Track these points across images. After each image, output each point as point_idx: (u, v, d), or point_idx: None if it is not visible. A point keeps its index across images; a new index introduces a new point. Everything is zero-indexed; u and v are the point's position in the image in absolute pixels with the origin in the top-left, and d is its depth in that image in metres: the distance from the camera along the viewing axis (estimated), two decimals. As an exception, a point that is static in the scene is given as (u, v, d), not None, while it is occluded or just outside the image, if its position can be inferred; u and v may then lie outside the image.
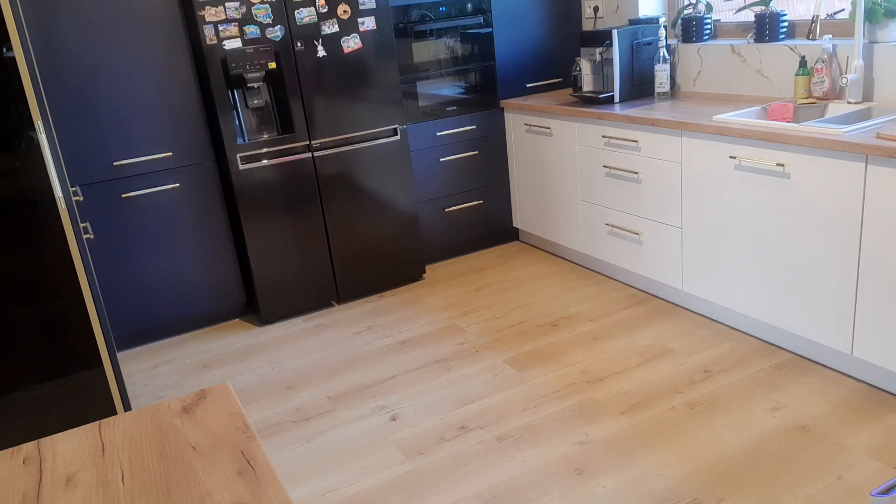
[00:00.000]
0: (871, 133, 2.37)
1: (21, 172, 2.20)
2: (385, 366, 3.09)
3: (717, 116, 2.85)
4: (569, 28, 4.18)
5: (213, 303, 3.61)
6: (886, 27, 2.75)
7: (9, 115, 2.15)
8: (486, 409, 2.68)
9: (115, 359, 2.46)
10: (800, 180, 2.54)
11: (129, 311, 3.42)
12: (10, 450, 1.31)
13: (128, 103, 3.21)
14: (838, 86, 2.93)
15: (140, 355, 3.46)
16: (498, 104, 4.10)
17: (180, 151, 3.35)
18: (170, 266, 3.45)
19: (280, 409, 2.84)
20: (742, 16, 3.49)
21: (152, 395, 3.08)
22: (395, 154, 3.70)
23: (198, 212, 3.45)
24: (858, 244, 2.40)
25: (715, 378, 2.71)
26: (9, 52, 2.08)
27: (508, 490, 2.23)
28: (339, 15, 3.39)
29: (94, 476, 1.20)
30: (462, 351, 3.14)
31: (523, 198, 4.17)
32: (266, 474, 1.16)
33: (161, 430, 1.32)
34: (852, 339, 2.50)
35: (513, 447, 2.44)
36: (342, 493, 2.31)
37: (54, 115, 3.09)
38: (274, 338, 3.49)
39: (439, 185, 4.04)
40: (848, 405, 2.46)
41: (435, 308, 3.61)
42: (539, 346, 3.10)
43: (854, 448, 2.24)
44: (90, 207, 3.22)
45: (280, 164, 3.44)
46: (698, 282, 3.09)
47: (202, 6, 3.12)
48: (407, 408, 2.75)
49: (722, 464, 2.24)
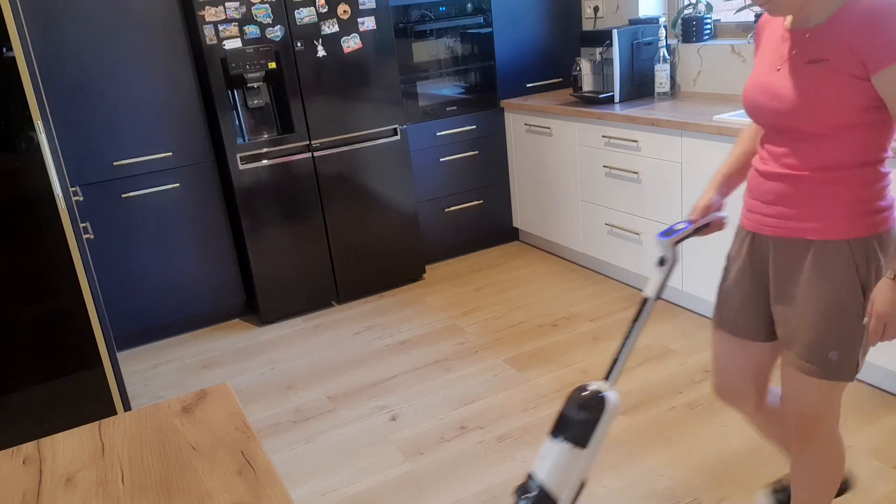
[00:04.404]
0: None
1: (21, 172, 2.20)
2: (385, 366, 3.09)
3: (717, 116, 2.85)
4: (569, 28, 4.18)
5: (213, 303, 3.61)
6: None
7: (9, 115, 2.15)
8: (486, 409, 2.68)
9: (115, 359, 2.46)
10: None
11: (129, 311, 3.42)
12: (10, 450, 1.31)
13: (128, 103, 3.21)
14: (838, 86, 2.92)
15: (140, 355, 3.46)
16: (498, 104, 4.10)
17: (180, 151, 3.35)
18: (170, 266, 3.45)
19: (280, 409, 2.84)
20: (742, 16, 3.49)
21: (152, 395, 3.08)
22: (395, 154, 3.70)
23: (198, 212, 3.45)
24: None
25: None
26: (9, 52, 2.08)
27: (509, 490, 2.23)
28: (339, 15, 3.39)
29: (94, 476, 1.20)
30: (462, 351, 3.14)
31: (523, 198, 4.17)
32: (266, 474, 1.16)
33: (161, 430, 1.32)
34: (852, 339, 2.50)
35: (513, 447, 2.44)
36: (342, 493, 2.31)
37: (54, 115, 3.09)
38: (274, 338, 3.49)
39: (439, 185, 4.03)
40: (848, 405, 2.46)
41: (435, 308, 3.61)
42: (539, 346, 3.10)
43: (854, 448, 2.24)
44: (90, 207, 3.22)
45: (280, 164, 3.44)
46: (698, 282, 3.09)
47: (202, 6, 3.12)
48: (407, 408, 2.75)
49: (722, 464, 2.24)
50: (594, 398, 1.53)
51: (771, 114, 1.42)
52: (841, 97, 1.31)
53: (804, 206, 1.42)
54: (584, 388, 1.55)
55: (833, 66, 1.31)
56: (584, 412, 1.51)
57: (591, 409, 1.51)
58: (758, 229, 1.52)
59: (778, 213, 1.46)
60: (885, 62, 1.26)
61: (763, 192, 1.49)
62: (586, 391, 1.54)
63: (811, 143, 1.38)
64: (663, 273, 1.60)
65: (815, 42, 1.35)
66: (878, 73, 1.27)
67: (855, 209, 1.38)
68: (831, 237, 1.40)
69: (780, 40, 1.44)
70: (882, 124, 1.35)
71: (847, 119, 1.33)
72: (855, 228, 1.39)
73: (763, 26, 1.54)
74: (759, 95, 1.44)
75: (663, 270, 1.60)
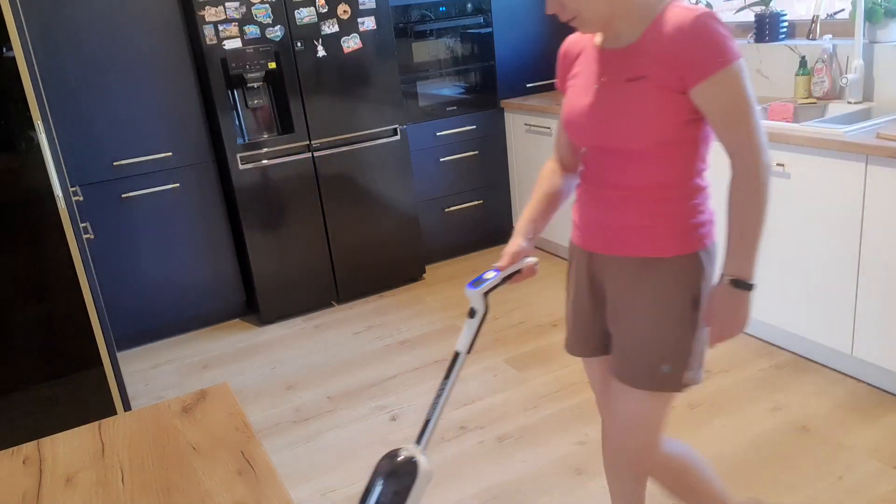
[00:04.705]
0: (871, 133, 2.37)
1: (21, 172, 2.20)
2: (385, 366, 3.09)
3: (717, 116, 2.85)
4: (569, 28, 4.17)
5: (213, 303, 3.61)
6: (886, 27, 2.75)
7: (9, 115, 2.15)
8: (486, 409, 2.68)
9: (115, 359, 2.46)
10: (800, 180, 2.54)
11: (129, 311, 3.41)
12: (10, 450, 1.31)
13: (128, 103, 3.21)
14: (838, 86, 2.92)
15: (140, 355, 3.46)
16: (498, 104, 4.09)
17: (180, 151, 3.35)
18: (170, 266, 3.45)
19: (280, 409, 2.84)
20: (742, 16, 3.49)
21: (152, 395, 3.08)
22: (395, 154, 3.70)
23: (198, 212, 3.45)
24: (858, 244, 2.40)
25: (715, 378, 2.71)
26: (9, 52, 2.08)
27: (508, 490, 2.23)
28: (339, 15, 3.39)
29: (94, 476, 1.20)
30: (462, 351, 3.13)
31: (523, 198, 4.17)
32: (266, 474, 1.16)
33: (161, 430, 1.32)
34: (852, 339, 2.50)
35: (513, 447, 2.44)
36: (342, 493, 2.31)
37: (54, 115, 3.08)
38: (274, 338, 3.48)
39: (439, 185, 4.03)
40: (848, 405, 2.46)
41: (435, 308, 3.60)
42: (539, 346, 3.10)
43: (854, 448, 2.24)
44: (90, 207, 3.21)
45: (280, 164, 3.43)
46: (698, 282, 3.09)
47: (202, 6, 3.12)
48: (407, 408, 2.75)
49: (722, 464, 2.23)
50: (406, 465, 1.40)
51: (594, 134, 1.41)
52: (663, 113, 1.31)
53: (632, 225, 1.41)
54: (395, 454, 1.43)
55: (652, 83, 1.30)
56: (395, 480, 1.39)
57: (402, 476, 1.39)
58: (590, 248, 1.51)
59: (608, 231, 1.46)
60: (702, 75, 1.26)
61: (592, 211, 1.48)
62: (398, 458, 1.42)
63: (636, 162, 1.38)
64: (474, 325, 1.53)
65: (631, 60, 1.34)
66: (695, 86, 1.27)
67: (682, 225, 1.39)
68: (660, 254, 1.40)
69: (594, 61, 1.43)
70: (702, 139, 1.37)
71: (670, 135, 1.33)
72: (683, 245, 1.40)
73: (570, 48, 1.53)
74: (580, 117, 1.43)
75: (474, 322, 1.53)
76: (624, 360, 1.49)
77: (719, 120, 1.30)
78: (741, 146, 1.30)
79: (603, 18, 1.35)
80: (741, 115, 1.29)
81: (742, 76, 1.27)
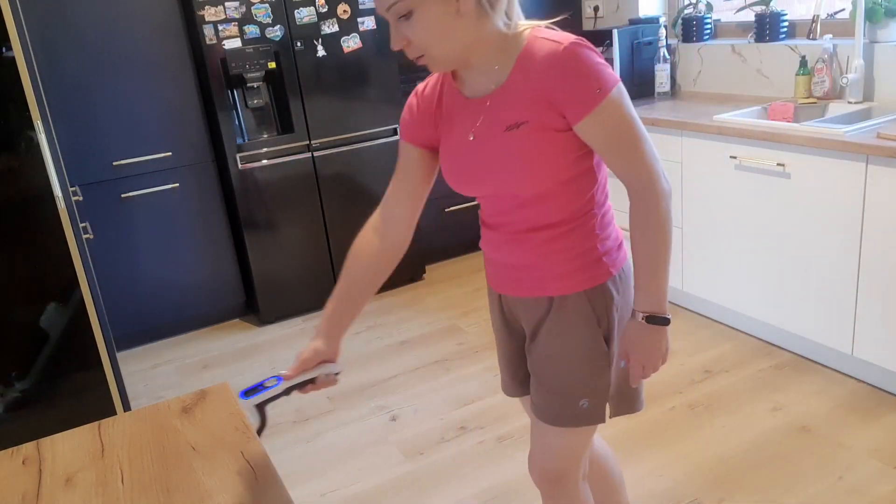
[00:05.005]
0: (872, 133, 2.37)
1: (21, 172, 2.20)
2: (385, 366, 3.09)
3: (717, 116, 2.85)
4: (569, 28, 4.17)
5: (213, 303, 3.61)
6: (887, 27, 2.75)
7: (9, 115, 2.15)
8: (486, 409, 2.68)
9: (115, 359, 2.46)
10: (800, 180, 2.54)
11: (129, 312, 3.41)
12: (10, 450, 1.31)
13: (128, 103, 3.21)
14: (839, 86, 2.92)
15: (140, 355, 3.46)
16: (498, 104, 4.09)
17: (180, 151, 3.35)
18: (170, 266, 3.45)
19: (280, 409, 2.84)
20: (742, 16, 3.49)
21: (152, 395, 3.08)
22: (395, 154, 3.67)
23: (197, 212, 3.45)
24: (859, 244, 2.40)
25: (715, 378, 2.71)
26: (9, 52, 2.08)
27: (508, 490, 2.23)
28: (339, 15, 3.39)
29: (94, 476, 1.20)
30: (462, 351, 3.13)
31: (523, 198, 4.16)
32: (266, 474, 1.16)
33: (161, 431, 1.32)
34: (853, 339, 2.50)
35: (513, 447, 2.43)
36: (342, 493, 2.30)
37: (54, 115, 3.08)
38: (274, 338, 3.48)
39: (439, 185, 4.02)
40: (848, 405, 2.46)
41: (435, 308, 3.60)
42: (539, 346, 3.09)
43: (854, 448, 2.24)
44: (90, 207, 3.21)
45: (280, 164, 3.43)
46: (698, 282, 3.09)
47: (202, 6, 3.12)
48: (407, 408, 2.75)
49: (722, 464, 2.23)
50: None
51: (483, 185, 1.34)
52: (554, 154, 1.24)
53: (534, 264, 1.36)
54: None
55: (533, 126, 1.22)
56: None
57: None
58: (500, 290, 1.47)
59: (512, 272, 1.41)
60: (584, 110, 1.19)
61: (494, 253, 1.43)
62: None
63: (534, 205, 1.31)
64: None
65: (505, 106, 1.25)
66: (579, 122, 1.20)
67: (587, 259, 1.34)
68: (569, 291, 1.35)
69: (461, 108, 1.33)
70: (597, 165, 1.31)
71: (565, 173, 1.27)
72: (590, 278, 1.34)
73: (429, 92, 1.42)
74: (465, 169, 1.36)
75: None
76: (541, 399, 1.44)
77: (607, 151, 1.24)
78: (635, 176, 1.24)
79: (454, 58, 1.24)
80: (629, 143, 1.23)
81: (623, 101, 1.21)
